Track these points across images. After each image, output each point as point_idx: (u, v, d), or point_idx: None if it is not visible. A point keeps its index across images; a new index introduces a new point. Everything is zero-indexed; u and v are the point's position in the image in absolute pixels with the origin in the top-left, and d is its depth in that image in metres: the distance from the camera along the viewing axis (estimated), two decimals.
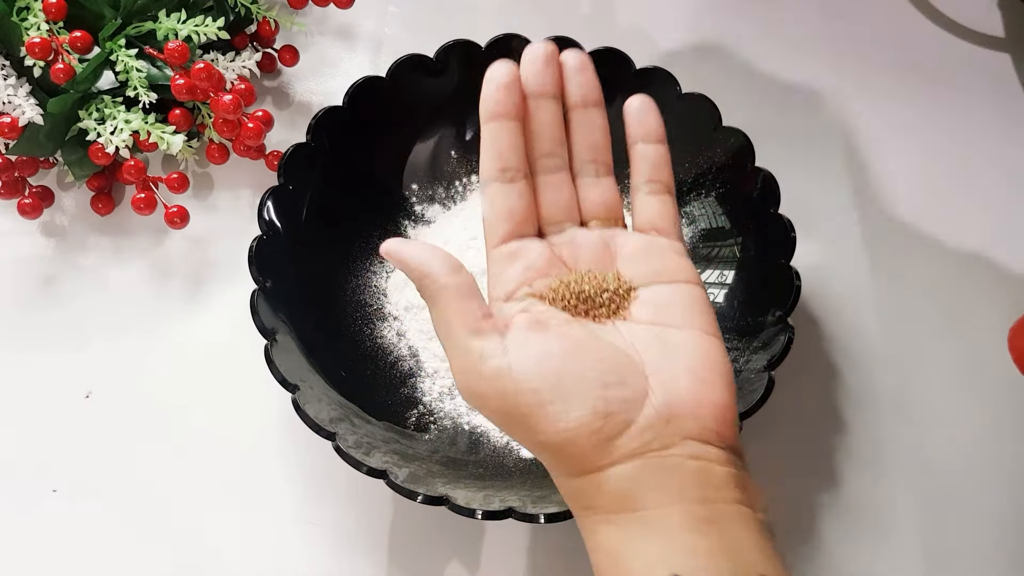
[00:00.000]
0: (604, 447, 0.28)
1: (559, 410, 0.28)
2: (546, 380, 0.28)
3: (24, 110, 0.45)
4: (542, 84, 0.33)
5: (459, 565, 0.42)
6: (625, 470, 0.28)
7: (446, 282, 0.30)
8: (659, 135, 0.34)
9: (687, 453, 0.28)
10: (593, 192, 0.34)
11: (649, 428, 0.28)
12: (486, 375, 0.29)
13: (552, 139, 0.33)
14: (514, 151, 0.32)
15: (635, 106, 0.34)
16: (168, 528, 0.43)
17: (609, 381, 0.29)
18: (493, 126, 0.32)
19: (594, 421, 0.28)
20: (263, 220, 0.43)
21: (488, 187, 0.33)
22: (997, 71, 0.55)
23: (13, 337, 0.47)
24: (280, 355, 0.40)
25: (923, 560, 0.43)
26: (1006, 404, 0.46)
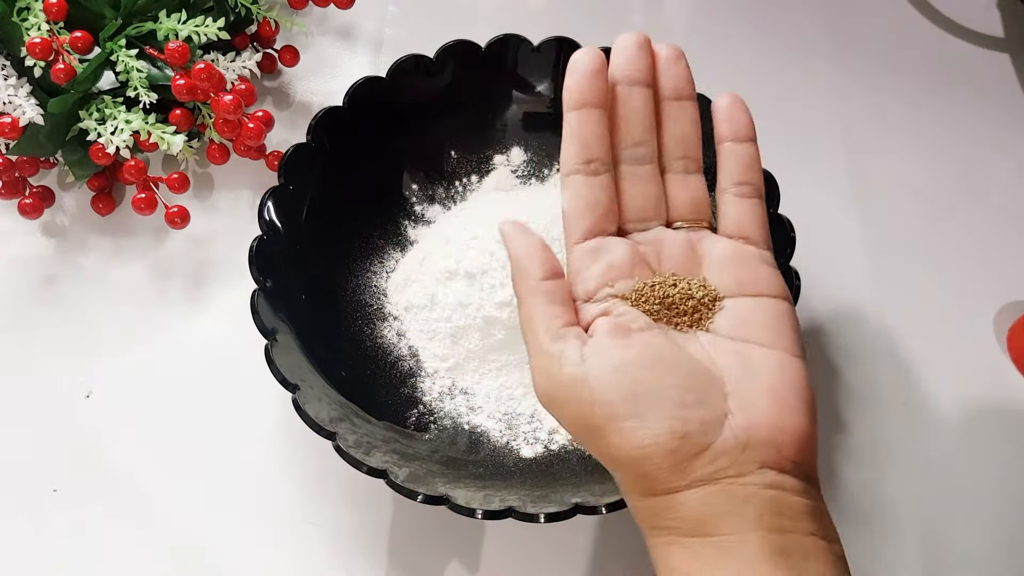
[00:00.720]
0: (679, 469, 0.27)
1: (635, 427, 0.27)
2: (623, 394, 0.27)
3: (25, 110, 0.45)
4: (636, 70, 0.32)
5: (459, 565, 0.42)
6: (699, 495, 0.27)
7: (536, 285, 0.30)
8: (749, 134, 0.32)
9: (763, 482, 0.27)
10: (681, 189, 0.33)
11: (725, 453, 0.27)
12: (563, 382, 0.28)
13: (643, 127, 0.32)
14: (599, 141, 0.31)
15: (725, 104, 0.33)
16: (168, 528, 0.43)
17: (688, 400, 0.28)
18: (578, 114, 0.31)
19: (670, 441, 0.27)
20: (263, 220, 0.43)
21: (570, 178, 0.31)
22: (997, 71, 0.55)
23: (13, 337, 0.47)
24: (280, 355, 0.40)
25: (923, 560, 0.43)
26: (1006, 404, 0.46)
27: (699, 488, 0.27)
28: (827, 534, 0.28)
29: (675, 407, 0.27)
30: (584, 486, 0.39)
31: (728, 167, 0.32)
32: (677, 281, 0.31)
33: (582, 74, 0.31)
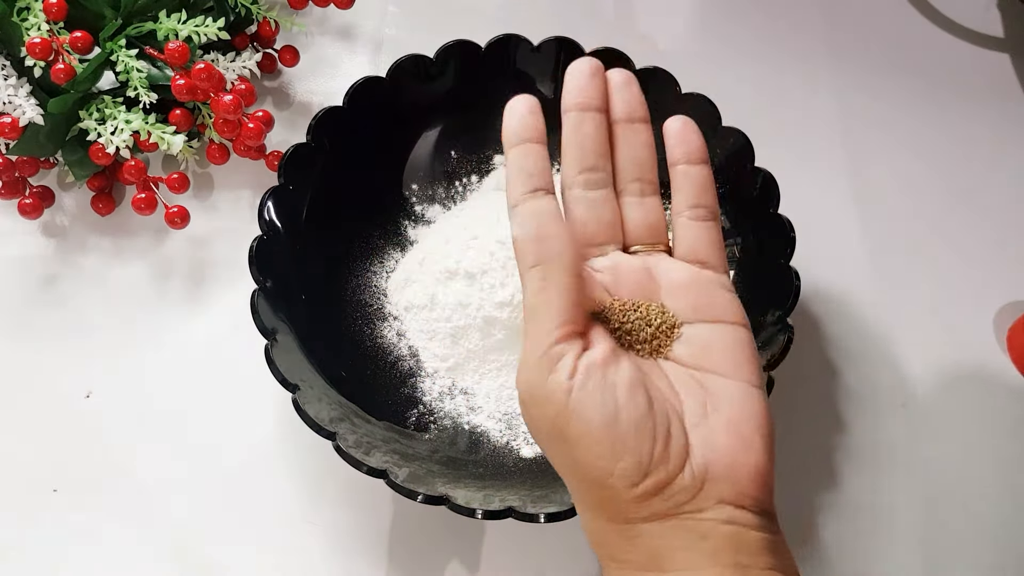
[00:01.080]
0: (638, 502, 0.27)
1: (605, 451, 0.27)
2: (605, 417, 0.27)
3: (24, 110, 0.45)
4: (588, 97, 0.32)
5: (459, 565, 0.42)
6: (656, 528, 0.27)
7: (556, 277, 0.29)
8: (703, 156, 0.32)
9: (721, 518, 0.27)
10: (637, 213, 0.33)
11: (684, 489, 0.27)
12: (551, 387, 0.28)
13: (596, 152, 0.32)
14: (543, 172, 0.31)
15: (676, 127, 0.32)
16: (168, 528, 0.43)
17: (659, 433, 0.28)
18: (519, 150, 0.31)
19: (635, 475, 0.27)
20: (263, 220, 0.43)
21: (518, 207, 0.30)
22: (997, 71, 0.55)
23: (14, 337, 0.47)
24: (280, 355, 0.40)
25: (923, 560, 0.43)
26: (1005, 404, 0.46)
27: (656, 523, 0.27)
28: (785, 567, 0.28)
29: (647, 441, 0.27)
30: None
31: (683, 190, 0.32)
32: (636, 306, 0.31)
33: (519, 115, 0.31)
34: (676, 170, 0.32)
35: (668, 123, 0.33)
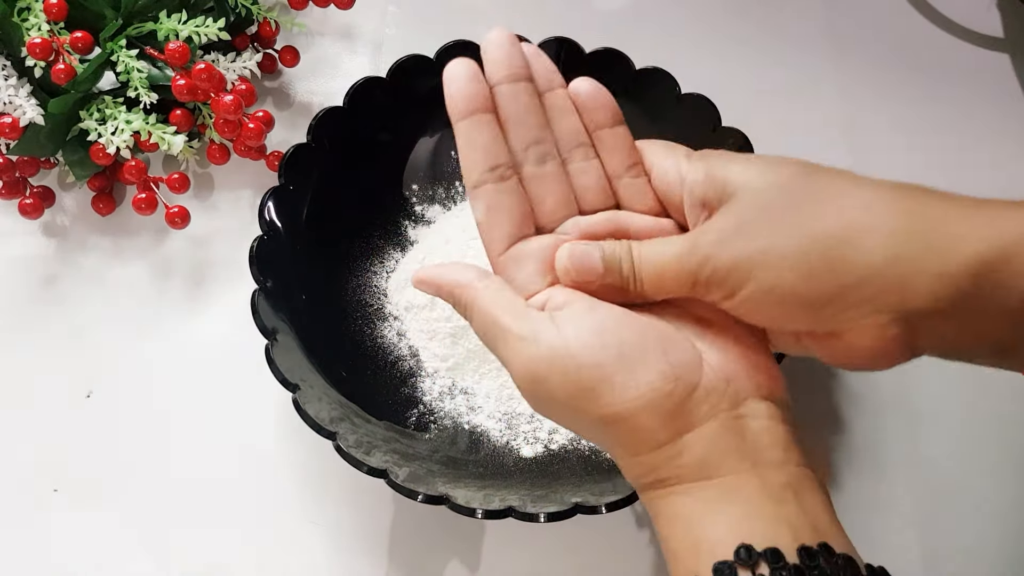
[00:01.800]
0: (677, 414, 0.27)
1: (627, 380, 0.27)
2: (607, 351, 0.28)
3: (25, 110, 0.45)
4: (515, 66, 0.31)
5: (459, 565, 0.42)
6: (700, 436, 0.27)
7: (480, 285, 0.30)
8: (620, 116, 0.33)
9: (752, 412, 0.28)
10: (588, 179, 0.32)
11: (714, 389, 0.28)
12: (544, 356, 0.28)
13: (538, 124, 0.32)
14: (498, 144, 0.31)
15: (587, 89, 0.32)
16: (167, 528, 0.43)
17: (667, 347, 0.28)
18: (468, 123, 0.30)
19: (664, 385, 0.27)
20: (264, 220, 0.43)
21: (479, 190, 0.31)
22: (997, 71, 0.55)
23: (14, 337, 0.47)
24: (280, 355, 0.40)
25: (923, 560, 0.43)
26: (1006, 404, 0.46)
27: (699, 428, 0.28)
28: (809, 462, 0.28)
29: (659, 355, 0.28)
30: (584, 486, 0.39)
31: (615, 152, 0.32)
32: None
33: (461, 82, 0.30)
34: (601, 134, 0.32)
35: (576, 86, 0.32)
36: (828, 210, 0.27)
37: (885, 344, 0.27)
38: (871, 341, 0.27)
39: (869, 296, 0.26)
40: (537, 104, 0.32)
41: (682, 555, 0.27)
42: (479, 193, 0.31)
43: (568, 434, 0.43)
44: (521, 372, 0.29)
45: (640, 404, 0.27)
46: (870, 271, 0.26)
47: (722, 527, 0.26)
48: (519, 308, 0.29)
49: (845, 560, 0.25)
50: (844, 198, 0.27)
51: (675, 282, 0.29)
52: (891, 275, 0.26)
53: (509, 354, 0.29)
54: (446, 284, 0.31)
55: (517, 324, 0.29)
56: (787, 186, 0.28)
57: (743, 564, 0.25)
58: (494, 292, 0.30)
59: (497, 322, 0.29)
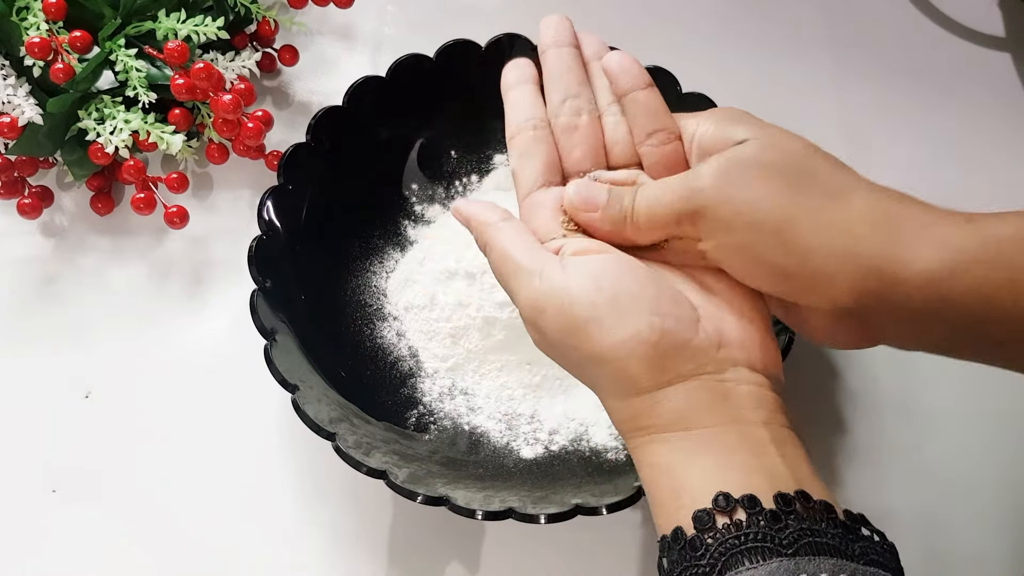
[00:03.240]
0: (660, 365, 0.28)
1: (615, 323, 0.28)
2: (603, 294, 0.29)
3: (24, 110, 0.45)
4: (562, 35, 0.35)
5: (459, 565, 0.42)
6: (680, 391, 0.28)
7: (502, 224, 0.32)
8: (648, 81, 0.34)
9: (739, 378, 0.29)
10: (620, 132, 0.34)
11: (702, 351, 0.29)
12: (545, 290, 0.30)
13: (577, 80, 0.35)
14: (536, 105, 0.35)
15: (615, 60, 0.34)
16: (168, 528, 0.43)
17: (664, 300, 0.29)
18: (515, 91, 0.35)
19: (651, 335, 0.28)
20: (263, 220, 0.43)
21: (514, 140, 0.34)
22: (997, 71, 0.55)
23: (13, 337, 0.47)
24: (280, 355, 0.40)
25: (923, 560, 0.43)
26: (1006, 404, 0.46)
27: (680, 384, 0.28)
28: (797, 431, 0.29)
29: (653, 305, 0.29)
30: (584, 487, 0.39)
31: (637, 117, 0.34)
32: None
33: (515, 65, 0.36)
34: (626, 99, 0.34)
35: (606, 58, 0.35)
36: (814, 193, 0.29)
37: (841, 326, 0.30)
38: (825, 323, 0.30)
39: (825, 282, 0.29)
40: (580, 65, 0.35)
41: (663, 503, 0.28)
42: (514, 143, 0.34)
43: (568, 435, 0.43)
44: (525, 303, 0.31)
45: (625, 348, 0.28)
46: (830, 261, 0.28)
47: (701, 476, 0.27)
48: (532, 248, 0.31)
49: (822, 505, 0.26)
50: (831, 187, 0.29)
51: (666, 214, 0.31)
52: (848, 270, 0.28)
53: (517, 286, 0.31)
54: (474, 219, 0.33)
55: (527, 260, 0.31)
56: (791, 158, 0.30)
57: (720, 511, 0.26)
58: (512, 232, 0.32)
59: (511, 257, 0.31)
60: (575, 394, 0.44)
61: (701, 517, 0.26)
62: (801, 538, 0.25)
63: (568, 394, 0.44)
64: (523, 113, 0.35)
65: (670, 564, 0.27)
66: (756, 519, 0.25)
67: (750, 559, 0.25)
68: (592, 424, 0.43)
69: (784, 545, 0.25)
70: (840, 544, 0.25)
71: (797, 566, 0.24)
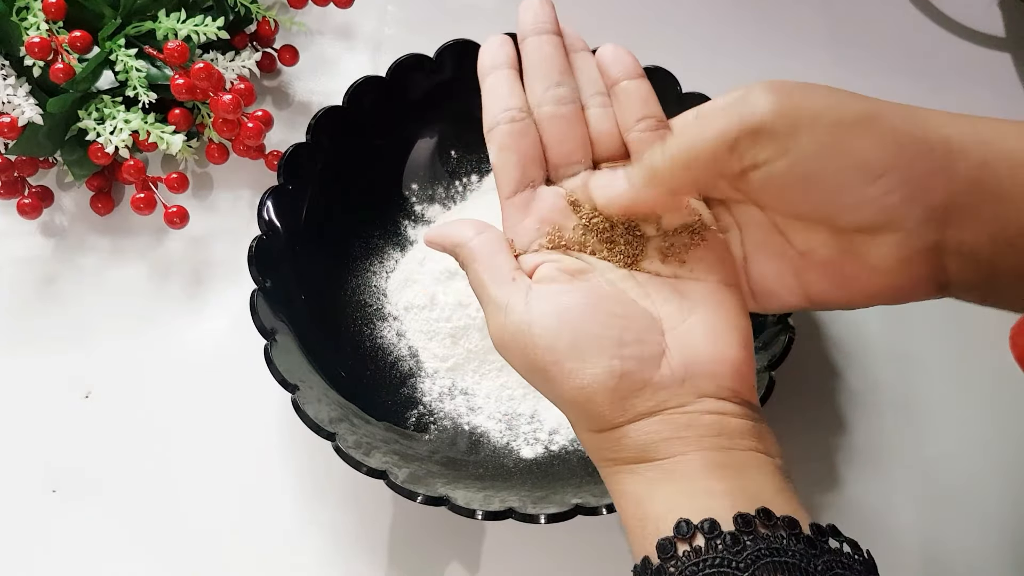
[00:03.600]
0: (620, 405, 0.29)
1: (574, 368, 0.29)
2: (562, 338, 0.29)
3: (24, 110, 0.45)
4: (543, 22, 0.33)
5: (459, 565, 0.42)
6: (642, 427, 0.29)
7: (475, 243, 0.32)
8: (639, 71, 0.33)
9: (703, 409, 0.29)
10: (605, 124, 0.33)
11: (665, 388, 0.29)
12: (511, 329, 0.30)
13: (560, 68, 0.33)
14: (516, 93, 0.33)
15: (608, 50, 0.33)
16: (168, 528, 0.43)
17: (626, 339, 0.29)
18: (492, 76, 0.33)
19: (609, 380, 0.28)
20: (263, 220, 0.43)
21: (493, 132, 0.32)
22: (997, 71, 0.55)
23: (13, 337, 0.47)
24: (280, 355, 0.40)
25: (923, 560, 0.43)
26: (1006, 404, 0.46)
27: (642, 421, 0.29)
28: (768, 449, 0.29)
29: (614, 347, 0.29)
30: (584, 487, 0.39)
31: (626, 105, 0.32)
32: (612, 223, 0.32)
33: (491, 45, 0.34)
34: (617, 88, 0.33)
35: (600, 50, 0.34)
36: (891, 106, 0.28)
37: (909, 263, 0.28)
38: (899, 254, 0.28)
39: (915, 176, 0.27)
40: (562, 54, 0.33)
41: (633, 531, 0.28)
42: (492, 135, 0.32)
43: (568, 435, 0.43)
44: (492, 337, 0.31)
45: (585, 392, 0.29)
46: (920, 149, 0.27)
47: (664, 503, 0.28)
48: (504, 274, 0.31)
49: (785, 521, 0.26)
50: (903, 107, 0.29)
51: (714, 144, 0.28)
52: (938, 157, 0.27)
53: (487, 317, 0.31)
54: (448, 242, 0.33)
55: (496, 292, 0.30)
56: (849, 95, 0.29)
57: (681, 538, 0.26)
58: (487, 254, 0.31)
59: (483, 286, 0.31)
60: None
61: (664, 545, 0.26)
62: (760, 558, 0.25)
63: None
64: (502, 102, 0.32)
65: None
66: (714, 543, 0.26)
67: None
68: None
69: (741, 568, 0.25)
70: (801, 561, 0.25)
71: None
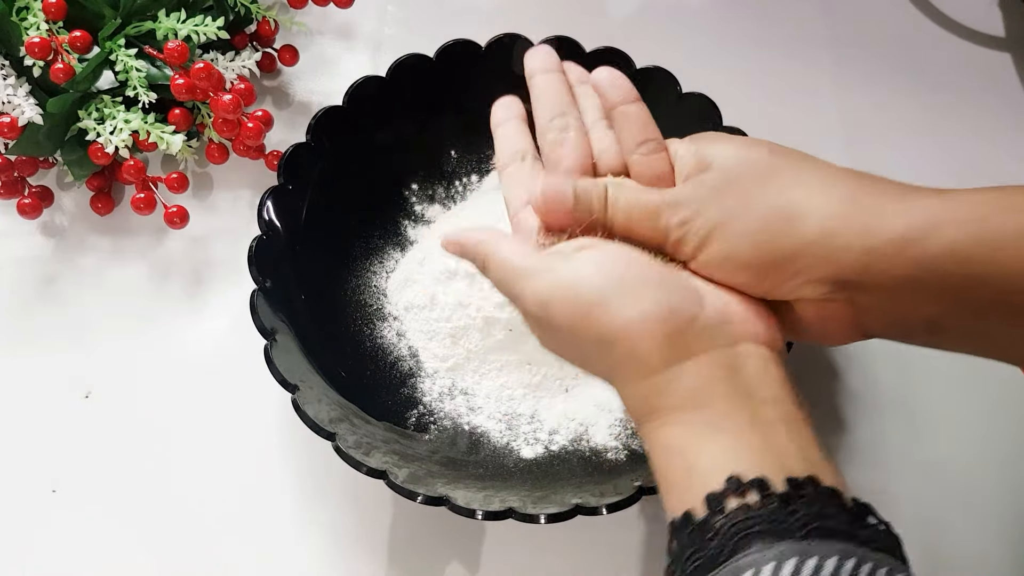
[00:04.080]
0: (670, 342, 0.29)
1: (622, 303, 0.29)
2: (608, 278, 0.30)
3: (24, 110, 0.45)
4: (549, 63, 0.37)
5: (459, 565, 0.42)
6: (692, 367, 0.29)
7: (496, 237, 0.33)
8: (636, 96, 0.35)
9: (749, 352, 0.29)
10: (606, 142, 0.35)
11: (711, 326, 0.29)
12: (551, 281, 0.30)
13: (565, 101, 0.36)
14: (524, 137, 0.36)
15: (605, 75, 0.35)
16: (167, 528, 0.43)
17: (667, 281, 0.30)
18: (503, 127, 0.37)
19: (660, 311, 0.29)
20: (263, 220, 0.43)
21: (506, 170, 0.36)
22: (997, 71, 0.55)
23: (13, 337, 0.47)
24: (280, 355, 0.40)
25: (923, 560, 0.42)
26: (1006, 404, 0.46)
27: (692, 360, 0.29)
28: (804, 406, 0.29)
29: (658, 286, 0.30)
30: (584, 487, 0.39)
31: (626, 129, 0.34)
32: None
33: (503, 104, 0.38)
34: (616, 112, 0.35)
35: (596, 74, 0.36)
36: (781, 188, 0.30)
37: (828, 317, 0.30)
38: (815, 313, 0.30)
39: (803, 267, 0.29)
40: (566, 88, 0.37)
41: (676, 485, 0.28)
42: (504, 174, 0.36)
43: (568, 435, 0.43)
44: (532, 300, 0.31)
45: (634, 327, 0.29)
46: (805, 244, 0.29)
47: (713, 457, 0.27)
48: (531, 252, 0.32)
49: (831, 492, 0.26)
50: (797, 179, 0.30)
51: (643, 227, 0.32)
52: (823, 249, 0.29)
53: (523, 287, 0.31)
54: (468, 243, 0.33)
55: (532, 261, 0.31)
56: (755, 163, 0.31)
57: (732, 493, 0.26)
58: (509, 244, 0.32)
59: (512, 265, 0.32)
60: (575, 394, 0.44)
61: (712, 499, 0.26)
62: (811, 522, 0.25)
63: (568, 394, 0.44)
64: (512, 145, 0.36)
65: (679, 546, 0.27)
66: (767, 502, 0.26)
67: (761, 541, 0.25)
68: (592, 424, 0.43)
69: (794, 528, 0.25)
70: (849, 529, 0.25)
71: (807, 549, 0.24)
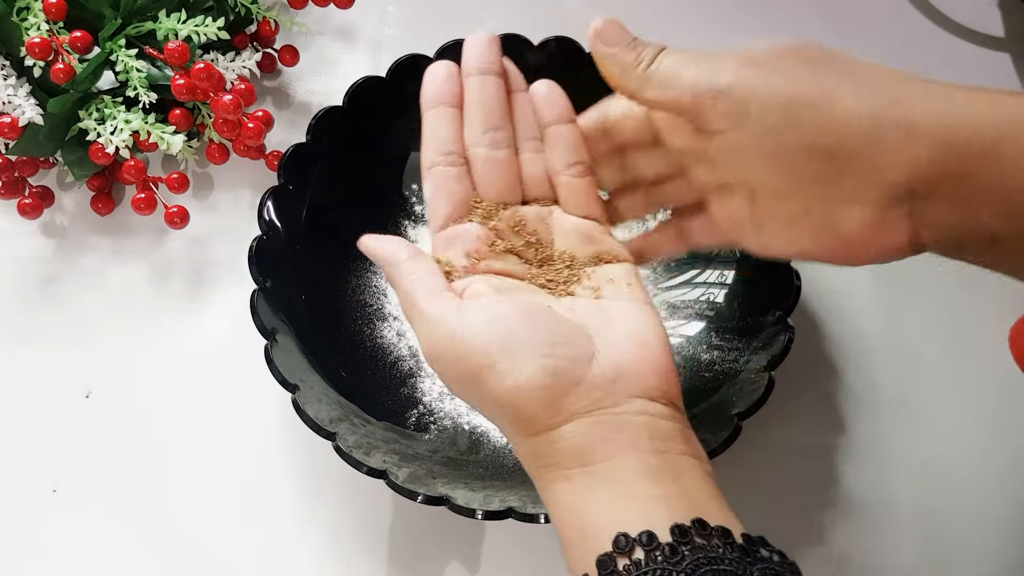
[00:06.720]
0: (555, 404, 0.29)
1: (509, 368, 0.29)
2: (495, 341, 0.29)
3: (24, 110, 0.45)
4: (488, 62, 0.34)
5: (459, 565, 0.42)
6: (577, 427, 0.29)
7: (407, 264, 0.32)
8: (571, 115, 0.35)
9: (635, 410, 0.29)
10: (535, 168, 0.35)
11: (597, 387, 0.29)
12: (444, 339, 0.30)
13: (499, 113, 0.34)
14: (454, 136, 0.34)
15: (543, 90, 0.35)
16: (168, 528, 0.43)
17: (557, 341, 0.30)
18: (434, 112, 0.34)
19: (544, 378, 0.29)
20: (263, 220, 0.43)
21: (431, 171, 0.34)
22: (997, 71, 0.55)
23: (13, 337, 0.47)
24: (280, 355, 0.40)
25: (923, 560, 0.43)
26: (1006, 404, 0.46)
27: (577, 421, 0.29)
28: (696, 453, 0.30)
29: (546, 347, 0.29)
30: None
31: (558, 148, 0.35)
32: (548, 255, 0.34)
33: (436, 79, 0.35)
34: (549, 131, 0.35)
35: (535, 87, 0.35)
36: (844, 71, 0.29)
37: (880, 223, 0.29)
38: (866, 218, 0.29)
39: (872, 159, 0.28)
40: (503, 97, 0.35)
41: (572, 544, 0.28)
42: (430, 174, 0.34)
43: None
44: (425, 350, 0.31)
45: (519, 392, 0.29)
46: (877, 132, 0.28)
47: (602, 514, 0.28)
48: (435, 292, 0.31)
49: (719, 531, 0.26)
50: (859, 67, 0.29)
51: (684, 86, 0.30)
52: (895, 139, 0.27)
53: (419, 332, 0.31)
54: (380, 256, 0.33)
55: (429, 306, 0.31)
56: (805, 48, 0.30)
57: (621, 552, 0.26)
58: (419, 274, 0.32)
59: (415, 303, 0.31)
60: None
61: (604, 561, 0.26)
62: (699, 568, 0.25)
63: None
64: (441, 144, 0.34)
65: None
66: (654, 555, 0.26)
67: None
68: None
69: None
70: (738, 569, 0.25)
71: None
